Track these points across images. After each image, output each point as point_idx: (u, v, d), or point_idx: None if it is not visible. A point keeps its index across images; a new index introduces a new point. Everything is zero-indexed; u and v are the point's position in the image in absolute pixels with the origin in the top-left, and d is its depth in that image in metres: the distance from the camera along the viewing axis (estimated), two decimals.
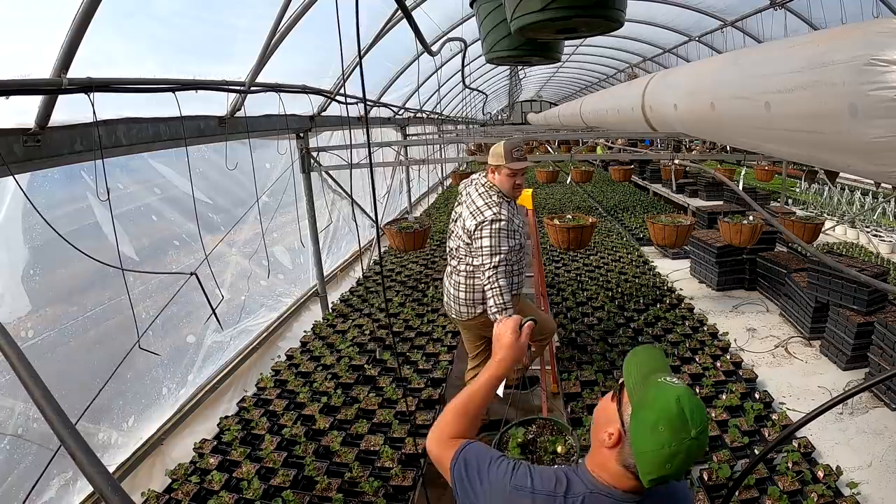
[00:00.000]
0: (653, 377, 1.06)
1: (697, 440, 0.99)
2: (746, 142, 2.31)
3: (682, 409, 0.99)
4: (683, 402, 1.00)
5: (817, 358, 3.84)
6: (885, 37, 1.26)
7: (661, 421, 0.99)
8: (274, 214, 4.28)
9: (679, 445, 0.98)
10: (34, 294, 2.28)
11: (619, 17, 1.47)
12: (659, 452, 0.99)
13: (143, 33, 2.47)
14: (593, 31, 1.61)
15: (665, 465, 0.99)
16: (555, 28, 1.55)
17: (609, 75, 14.12)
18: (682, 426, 0.98)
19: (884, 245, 6.77)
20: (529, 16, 1.45)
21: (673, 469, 0.99)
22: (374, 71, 5.82)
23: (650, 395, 1.03)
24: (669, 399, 1.00)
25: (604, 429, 1.10)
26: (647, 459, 1.01)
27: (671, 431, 0.98)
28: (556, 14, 1.40)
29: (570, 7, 1.39)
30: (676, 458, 0.98)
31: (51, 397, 0.83)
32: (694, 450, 0.99)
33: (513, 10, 1.51)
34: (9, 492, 2.11)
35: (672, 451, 0.98)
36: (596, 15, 1.44)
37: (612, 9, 1.44)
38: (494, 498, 1.14)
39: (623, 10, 1.48)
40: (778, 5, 5.55)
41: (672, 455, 0.98)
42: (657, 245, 6.29)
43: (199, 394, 3.30)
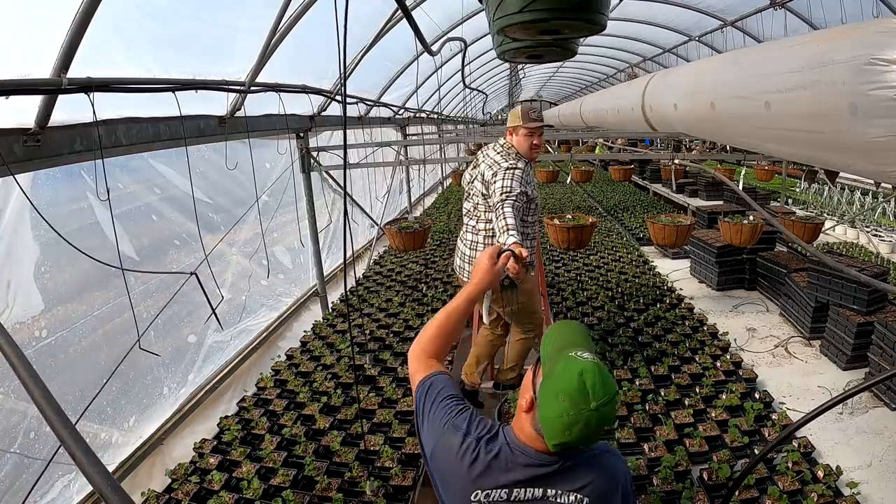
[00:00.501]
0: (566, 351, 1.13)
1: (597, 412, 1.06)
2: (746, 141, 2.31)
3: (584, 383, 1.06)
4: (586, 376, 1.07)
5: (817, 358, 3.84)
6: (885, 37, 1.26)
7: (561, 392, 1.07)
8: (274, 214, 4.28)
9: (578, 415, 1.05)
10: (46, 292, 2.30)
11: (600, 20, 1.46)
12: (559, 420, 1.07)
13: (142, 33, 2.47)
14: (576, 33, 1.60)
15: (565, 432, 1.07)
16: (536, 30, 1.55)
17: (609, 75, 14.12)
18: (583, 398, 1.05)
19: (884, 245, 6.76)
20: (509, 17, 1.45)
21: (573, 437, 1.08)
22: (374, 71, 5.82)
23: (558, 368, 1.11)
24: (573, 372, 1.08)
25: (522, 395, 1.20)
26: (549, 425, 1.10)
27: (570, 402, 1.06)
28: (535, 16, 1.40)
29: (549, 10, 1.39)
30: (576, 426, 1.06)
31: (50, 397, 0.83)
32: (594, 421, 1.06)
33: (494, 11, 1.51)
34: (15, 495, 2.11)
35: (571, 420, 1.06)
36: (575, 17, 1.43)
37: (593, 12, 1.43)
38: (433, 428, 1.23)
39: (604, 13, 1.47)
40: (778, 5, 5.55)
41: (571, 423, 1.06)
42: (657, 245, 6.29)
43: (199, 393, 3.30)
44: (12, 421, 2.15)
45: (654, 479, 2.44)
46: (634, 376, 3.31)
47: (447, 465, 1.19)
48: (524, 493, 1.16)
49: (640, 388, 3.17)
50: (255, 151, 3.68)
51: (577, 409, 1.06)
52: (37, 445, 2.22)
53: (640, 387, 3.19)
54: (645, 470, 2.51)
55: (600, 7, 1.45)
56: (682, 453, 2.56)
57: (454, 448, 1.19)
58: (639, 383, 3.23)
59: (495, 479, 1.16)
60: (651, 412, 2.96)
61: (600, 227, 7.39)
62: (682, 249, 5.98)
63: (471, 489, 1.16)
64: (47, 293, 2.31)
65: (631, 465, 2.52)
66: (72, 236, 2.10)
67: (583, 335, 1.22)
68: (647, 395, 3.11)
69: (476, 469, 1.16)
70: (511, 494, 1.16)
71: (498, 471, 1.16)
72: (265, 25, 3.00)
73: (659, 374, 3.36)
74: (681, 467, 2.51)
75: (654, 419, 2.91)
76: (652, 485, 2.42)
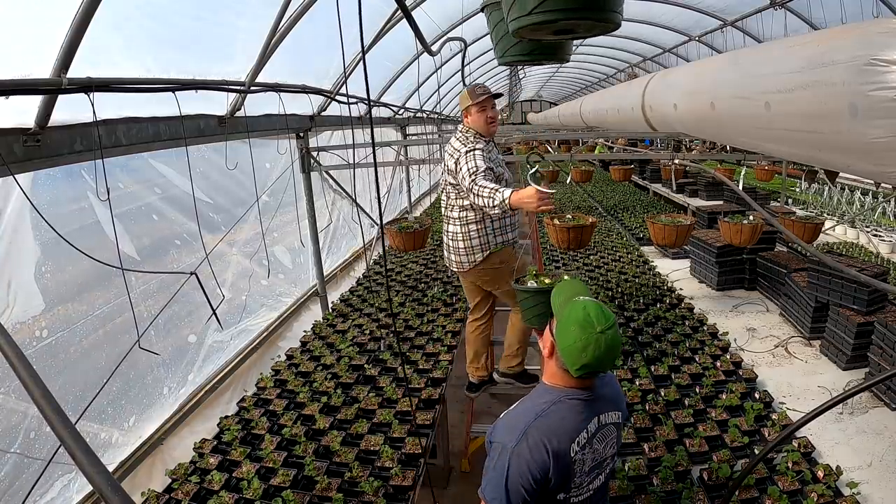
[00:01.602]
0: (573, 299, 1.44)
1: (604, 334, 1.34)
2: (746, 141, 2.31)
3: (588, 313, 1.37)
4: (588, 309, 1.38)
5: (817, 358, 3.84)
6: (885, 37, 1.26)
7: (570, 323, 1.37)
8: (274, 214, 4.29)
9: (588, 339, 1.34)
10: (47, 292, 2.30)
11: (614, 19, 1.46)
12: (574, 346, 1.35)
13: (143, 33, 2.47)
14: (589, 32, 1.60)
15: (581, 354, 1.35)
16: (549, 30, 1.55)
17: (609, 75, 14.12)
18: (588, 324, 1.35)
19: (884, 245, 6.76)
20: (521, 19, 1.45)
21: (589, 357, 1.34)
22: (374, 71, 5.82)
23: (566, 310, 1.43)
24: (577, 308, 1.39)
25: (543, 346, 1.53)
26: (567, 353, 1.38)
27: (580, 329, 1.35)
28: (544, 17, 1.40)
29: (559, 10, 1.39)
30: (588, 347, 1.34)
31: (50, 397, 0.83)
32: (602, 342, 1.34)
33: (507, 13, 1.51)
34: (15, 495, 2.11)
35: (584, 343, 1.34)
36: (587, 17, 1.43)
37: (606, 10, 1.43)
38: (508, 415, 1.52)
39: (618, 11, 1.46)
40: (778, 5, 5.55)
41: (584, 346, 1.34)
42: (657, 245, 6.29)
43: (199, 393, 3.31)
44: (12, 421, 2.15)
45: (654, 479, 2.44)
46: (634, 376, 3.31)
47: (537, 465, 1.38)
48: (590, 424, 1.45)
49: (640, 388, 3.17)
50: (255, 151, 3.68)
51: (586, 333, 1.33)
52: (37, 445, 2.22)
53: (640, 387, 3.19)
54: (645, 470, 2.51)
55: (613, 5, 1.45)
56: (682, 453, 2.56)
57: (527, 450, 1.38)
58: (639, 383, 3.22)
59: (568, 428, 1.41)
60: (651, 412, 2.95)
61: (600, 227, 7.39)
62: (682, 249, 5.98)
63: (567, 450, 1.40)
64: (48, 293, 2.31)
65: (631, 465, 2.52)
66: (72, 236, 2.10)
67: (584, 288, 1.55)
68: (647, 395, 3.11)
69: (555, 436, 1.39)
70: (587, 432, 1.44)
71: (564, 422, 1.42)
72: (265, 25, 3.00)
73: (659, 374, 3.36)
74: (681, 467, 2.51)
75: (654, 419, 2.91)
76: (652, 485, 2.42)
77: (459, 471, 3.63)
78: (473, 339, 3.40)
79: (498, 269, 3.01)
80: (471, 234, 2.95)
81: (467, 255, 2.99)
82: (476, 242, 2.95)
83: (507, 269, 2.98)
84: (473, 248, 2.97)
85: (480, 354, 3.40)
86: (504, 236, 2.99)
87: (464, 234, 2.96)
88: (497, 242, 2.98)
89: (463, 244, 2.98)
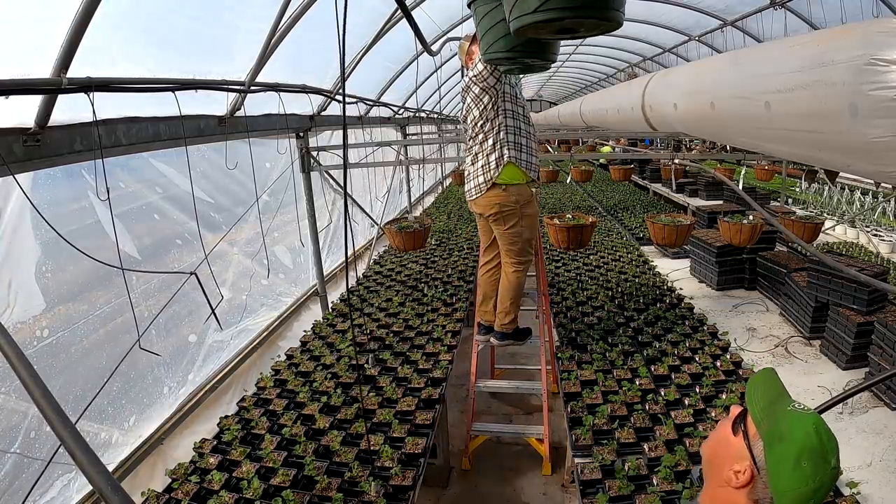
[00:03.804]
0: (779, 404, 0.98)
1: (836, 469, 0.92)
2: (746, 141, 2.31)
3: (822, 439, 0.92)
4: (821, 431, 0.92)
5: (817, 357, 3.84)
6: (885, 37, 1.26)
7: (804, 455, 0.91)
8: (275, 214, 4.29)
9: (822, 479, 0.90)
10: (47, 291, 2.30)
11: (616, 17, 1.45)
12: (802, 490, 0.91)
13: (142, 32, 2.47)
14: (592, 31, 1.59)
15: (808, 502, 0.91)
16: (552, 29, 1.54)
17: (609, 75, 14.11)
18: (823, 458, 0.91)
19: (884, 245, 6.76)
20: (523, 17, 1.44)
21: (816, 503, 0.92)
22: (374, 70, 5.82)
23: (785, 427, 0.94)
24: (808, 429, 0.92)
25: (728, 466, 1.00)
26: (788, 498, 0.92)
27: (813, 465, 0.90)
28: (547, 16, 1.39)
29: (563, 8, 1.38)
30: (818, 492, 0.91)
31: (50, 397, 0.83)
32: (832, 481, 0.92)
33: (510, 12, 1.50)
34: (14, 495, 2.11)
35: (815, 487, 0.91)
36: (590, 16, 1.42)
37: (608, 9, 1.42)
38: None
39: (620, 10, 1.46)
40: (778, 5, 5.55)
41: (815, 490, 0.91)
42: (657, 244, 6.29)
43: (199, 393, 3.31)
44: (12, 421, 2.15)
45: (654, 478, 2.44)
46: (634, 376, 3.31)
47: None
48: None
49: (640, 388, 3.17)
50: (255, 151, 3.68)
51: (820, 471, 0.91)
52: (37, 445, 2.22)
53: (640, 386, 3.19)
54: (645, 470, 2.51)
55: (615, 4, 1.44)
56: (682, 453, 2.56)
57: None
58: (639, 383, 3.23)
59: None
60: (651, 412, 2.96)
61: (600, 226, 7.39)
62: (682, 249, 5.98)
63: None
64: (48, 293, 2.31)
65: (631, 466, 2.52)
66: (73, 236, 2.10)
67: (781, 384, 1.06)
68: (647, 394, 3.11)
69: None
70: None
71: None
72: (265, 25, 3.00)
73: (659, 373, 3.36)
74: (681, 467, 2.51)
75: (654, 419, 2.91)
76: (652, 484, 2.42)
77: (459, 470, 3.63)
78: (484, 282, 3.53)
79: (512, 209, 3.15)
80: (488, 151, 3.11)
81: (485, 173, 3.13)
82: (493, 158, 3.10)
83: (519, 211, 3.15)
84: (490, 164, 3.11)
85: (489, 297, 3.52)
86: (519, 153, 3.12)
87: (484, 153, 3.13)
88: (510, 157, 3.09)
89: (482, 163, 3.14)
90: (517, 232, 3.22)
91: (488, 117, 3.08)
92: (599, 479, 2.49)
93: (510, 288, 3.37)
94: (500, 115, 3.07)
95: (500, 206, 3.15)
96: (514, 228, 3.20)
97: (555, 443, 3.67)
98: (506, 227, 3.21)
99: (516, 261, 3.30)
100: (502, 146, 3.09)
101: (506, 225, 3.20)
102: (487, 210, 3.21)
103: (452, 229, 7.73)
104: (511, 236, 3.23)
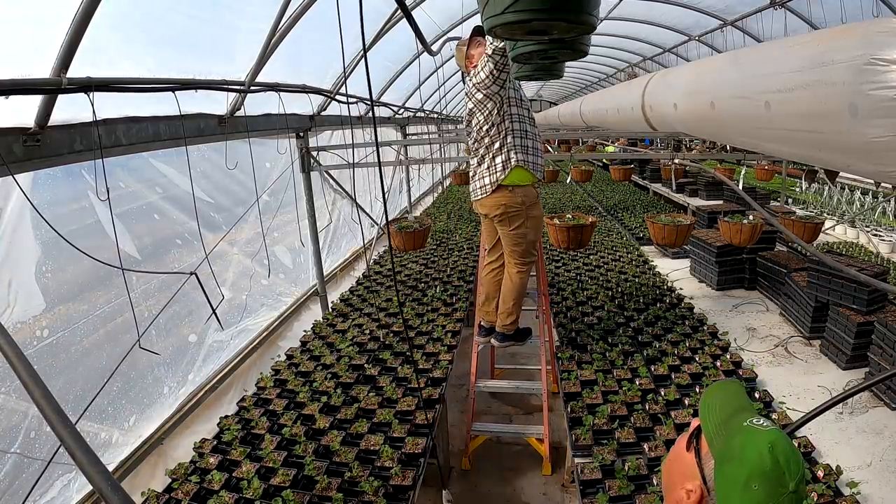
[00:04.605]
0: (736, 419, 0.89)
1: (796, 493, 0.81)
2: (746, 141, 2.31)
3: (777, 460, 0.82)
4: (777, 451, 0.83)
5: (817, 357, 3.84)
6: (885, 37, 1.25)
7: (753, 477, 0.82)
8: (275, 214, 4.28)
9: (777, 502, 0.81)
10: (47, 291, 2.30)
11: (588, 21, 1.42)
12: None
13: (142, 33, 2.47)
14: (564, 34, 1.57)
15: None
16: (523, 30, 1.53)
17: (609, 75, 14.11)
18: (778, 479, 0.81)
19: (884, 245, 6.76)
20: (494, 18, 1.43)
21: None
22: (374, 70, 5.78)
23: (736, 444, 0.86)
24: (761, 448, 0.83)
25: (680, 484, 0.93)
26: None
27: (767, 488, 0.81)
28: (517, 17, 1.38)
29: (532, 10, 1.37)
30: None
31: (50, 397, 0.83)
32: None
33: (482, 11, 1.50)
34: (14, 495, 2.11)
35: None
36: (560, 18, 1.41)
37: (580, 12, 1.40)
38: None
39: (593, 14, 1.43)
40: (778, 5, 5.55)
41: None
42: (657, 244, 6.29)
43: (199, 393, 3.30)
44: (12, 421, 2.15)
45: (654, 478, 2.44)
46: (634, 376, 3.31)
47: None
48: None
49: (640, 388, 3.17)
50: (255, 151, 3.68)
51: (774, 496, 0.81)
52: (37, 445, 2.22)
53: (640, 386, 3.19)
54: (645, 469, 2.51)
55: (587, 6, 1.42)
56: None
57: None
58: (639, 383, 3.23)
59: None
60: (651, 412, 2.96)
61: (600, 226, 7.39)
62: (682, 249, 5.98)
63: None
64: (48, 293, 2.31)
65: (631, 465, 2.52)
66: (73, 236, 2.10)
67: (744, 396, 0.97)
68: (647, 394, 3.12)
69: None
70: None
71: None
72: (265, 25, 3.00)
73: (659, 373, 3.36)
74: None
75: (654, 419, 2.91)
76: (652, 484, 2.42)
77: (459, 469, 3.63)
78: (487, 282, 3.53)
79: (518, 210, 3.17)
80: (494, 153, 3.13)
81: (490, 175, 3.16)
82: (499, 161, 3.13)
83: (525, 213, 3.18)
84: (496, 167, 3.14)
85: (492, 298, 3.53)
86: (526, 155, 3.15)
87: (490, 156, 3.15)
88: (518, 160, 3.12)
89: (487, 164, 3.17)
90: (522, 233, 3.22)
91: (494, 122, 3.10)
92: (599, 479, 2.49)
93: (513, 289, 3.37)
94: (507, 119, 3.09)
95: (506, 207, 3.16)
96: (520, 229, 3.21)
97: (555, 443, 3.67)
98: (511, 228, 3.22)
99: (520, 262, 3.30)
100: (510, 150, 3.11)
101: (511, 226, 3.21)
102: (493, 211, 3.22)
103: (452, 229, 7.73)
104: (516, 237, 3.24)
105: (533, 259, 3.38)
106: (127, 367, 2.60)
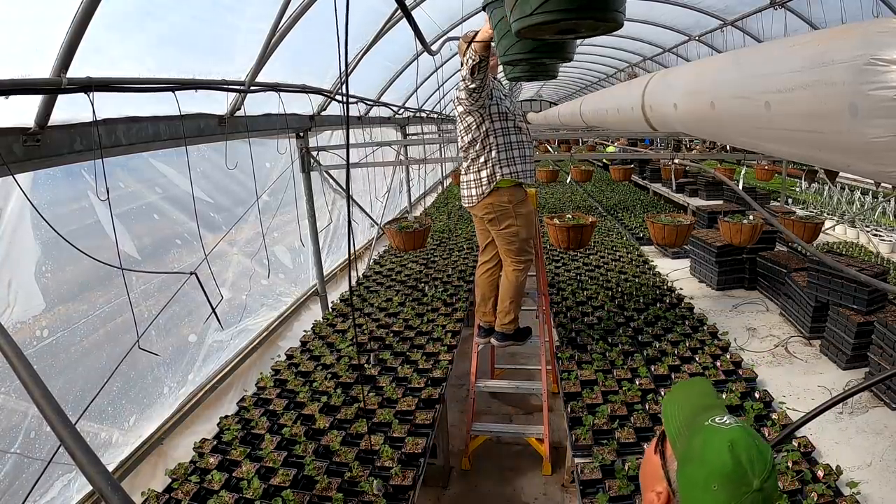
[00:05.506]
0: (699, 419, 0.88)
1: (762, 491, 0.79)
2: (746, 141, 2.31)
3: (738, 458, 0.80)
4: (738, 449, 0.81)
5: (817, 357, 3.84)
6: (885, 37, 1.25)
7: (713, 477, 0.80)
8: (275, 214, 4.28)
9: (741, 502, 0.79)
10: (47, 291, 2.30)
11: (616, 18, 1.44)
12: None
13: (142, 32, 2.47)
14: (592, 32, 1.59)
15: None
16: (553, 30, 1.54)
17: (609, 75, 14.11)
18: (741, 479, 0.79)
19: (884, 245, 6.76)
20: (523, 19, 1.45)
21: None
22: (374, 70, 5.82)
23: (697, 444, 0.85)
24: (720, 447, 0.81)
25: (651, 487, 0.93)
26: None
27: (728, 489, 0.79)
28: (546, 18, 1.40)
29: (561, 10, 1.38)
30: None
31: (50, 397, 0.83)
32: (760, 503, 0.80)
33: (511, 13, 1.51)
34: (14, 495, 2.11)
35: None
36: (589, 17, 1.42)
37: (609, 10, 1.42)
38: None
39: (620, 11, 1.45)
40: (778, 5, 5.55)
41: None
42: (657, 244, 6.29)
43: (199, 393, 3.30)
44: (12, 421, 2.15)
45: None
46: (634, 376, 3.31)
47: None
48: None
49: (640, 388, 3.17)
50: (255, 151, 3.68)
51: (738, 494, 0.79)
52: (37, 445, 2.22)
53: (641, 386, 3.19)
54: None
55: (615, 4, 1.44)
56: None
57: None
58: (639, 383, 3.23)
59: None
60: (651, 412, 2.96)
61: (600, 226, 7.39)
62: (682, 249, 5.98)
63: None
64: (48, 293, 2.31)
65: (631, 465, 2.52)
66: (72, 236, 2.10)
67: (709, 394, 0.96)
68: (647, 394, 3.11)
69: None
70: None
71: None
72: (265, 25, 3.00)
73: (659, 373, 3.36)
74: None
75: (654, 419, 2.91)
76: None
77: (459, 469, 3.63)
78: (482, 283, 3.55)
79: (505, 209, 3.19)
80: (479, 167, 3.16)
81: (477, 188, 3.19)
82: (484, 174, 3.16)
83: (512, 211, 3.18)
84: (482, 180, 3.16)
85: (488, 298, 3.54)
86: (512, 167, 3.15)
87: (475, 168, 3.18)
88: (504, 174, 3.14)
89: (474, 176, 3.20)
90: (513, 231, 3.23)
91: (475, 137, 3.12)
92: (599, 478, 2.49)
93: (510, 288, 3.37)
94: (490, 135, 3.11)
95: (492, 207, 3.19)
96: (510, 228, 3.22)
97: (555, 443, 3.67)
98: (501, 228, 3.24)
99: (515, 260, 3.31)
100: (494, 165, 3.14)
101: (500, 225, 3.23)
102: (481, 212, 3.26)
103: (452, 229, 7.73)
104: (507, 236, 3.25)
105: (529, 257, 3.38)
106: (127, 367, 2.60)
